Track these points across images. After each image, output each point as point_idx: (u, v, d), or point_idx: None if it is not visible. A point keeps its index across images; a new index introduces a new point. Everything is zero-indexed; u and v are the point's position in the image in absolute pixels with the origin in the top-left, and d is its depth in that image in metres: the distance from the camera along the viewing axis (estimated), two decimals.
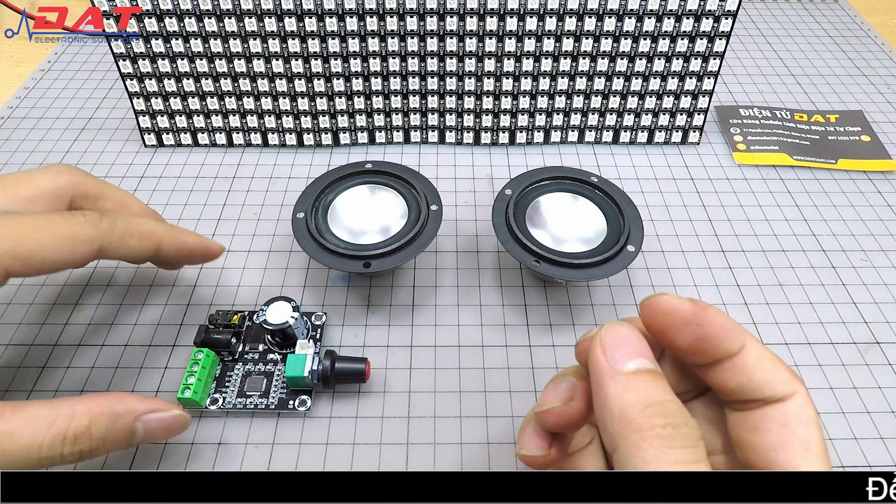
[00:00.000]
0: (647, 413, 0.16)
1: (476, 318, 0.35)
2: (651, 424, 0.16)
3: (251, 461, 0.29)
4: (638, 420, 0.16)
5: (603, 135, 0.47)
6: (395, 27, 0.41)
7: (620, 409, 0.17)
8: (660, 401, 0.17)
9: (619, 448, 0.17)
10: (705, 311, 0.19)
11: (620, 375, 0.17)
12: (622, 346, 0.18)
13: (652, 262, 0.38)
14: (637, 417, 0.16)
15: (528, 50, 0.42)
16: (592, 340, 0.18)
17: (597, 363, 0.18)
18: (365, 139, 0.47)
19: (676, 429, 0.16)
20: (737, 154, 0.47)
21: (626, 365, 0.17)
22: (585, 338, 0.21)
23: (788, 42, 0.60)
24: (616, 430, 0.17)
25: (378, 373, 0.32)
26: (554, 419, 0.20)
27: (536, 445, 0.21)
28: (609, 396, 0.17)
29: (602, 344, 0.18)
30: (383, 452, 0.29)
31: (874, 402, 0.32)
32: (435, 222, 0.34)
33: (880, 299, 0.37)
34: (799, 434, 0.18)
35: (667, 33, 0.42)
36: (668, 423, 0.16)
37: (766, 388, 0.19)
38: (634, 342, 0.18)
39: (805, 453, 0.18)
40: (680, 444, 0.16)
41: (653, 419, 0.16)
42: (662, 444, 0.16)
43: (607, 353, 0.18)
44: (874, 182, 0.45)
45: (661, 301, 0.19)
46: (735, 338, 0.19)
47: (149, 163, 0.45)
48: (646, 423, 0.16)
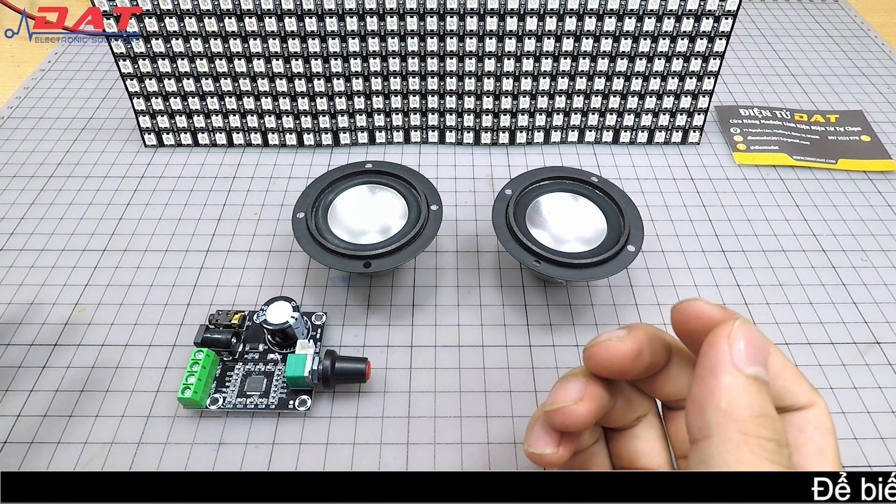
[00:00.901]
0: (759, 422, 0.16)
1: (476, 318, 0.35)
2: (759, 433, 0.16)
3: (251, 461, 0.29)
4: (748, 423, 0.16)
5: (603, 135, 0.47)
6: (395, 27, 0.41)
7: (730, 405, 0.16)
8: (770, 415, 0.17)
9: (714, 439, 0.16)
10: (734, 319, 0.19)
11: (740, 374, 0.17)
12: (751, 347, 0.17)
13: (652, 262, 0.38)
14: (748, 421, 0.16)
15: (528, 50, 0.42)
16: (719, 330, 0.18)
17: (719, 352, 0.17)
18: (365, 139, 0.47)
19: (780, 447, 0.16)
20: (737, 154, 0.47)
21: (749, 367, 0.17)
22: (595, 343, 0.21)
23: (788, 42, 0.60)
24: (717, 421, 0.16)
25: (378, 373, 0.32)
26: (563, 418, 0.20)
27: (545, 443, 0.21)
28: (722, 388, 0.17)
29: (731, 336, 0.17)
30: (383, 452, 0.29)
31: (874, 402, 0.32)
32: (435, 222, 0.34)
33: (880, 299, 0.37)
34: (814, 439, 0.18)
35: (667, 33, 0.42)
36: (773, 438, 0.16)
37: (787, 398, 0.19)
38: (762, 350, 0.18)
39: (819, 458, 0.18)
40: (778, 461, 0.16)
41: (762, 429, 0.16)
42: (764, 454, 0.16)
43: (733, 347, 0.17)
44: (874, 182, 0.45)
45: (693, 306, 0.19)
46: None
47: (149, 163, 0.45)
48: (754, 429, 0.16)
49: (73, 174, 0.44)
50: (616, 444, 0.24)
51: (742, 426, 0.16)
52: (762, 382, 0.17)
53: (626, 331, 0.20)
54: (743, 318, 0.18)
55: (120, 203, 0.42)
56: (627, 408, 0.23)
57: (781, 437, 0.17)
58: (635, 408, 0.23)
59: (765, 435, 0.16)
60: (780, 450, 0.16)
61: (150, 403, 0.31)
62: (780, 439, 0.17)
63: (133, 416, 0.31)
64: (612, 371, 0.21)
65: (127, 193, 0.42)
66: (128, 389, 0.32)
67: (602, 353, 0.20)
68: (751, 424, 0.16)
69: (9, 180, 0.43)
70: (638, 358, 0.20)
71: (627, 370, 0.20)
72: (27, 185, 0.43)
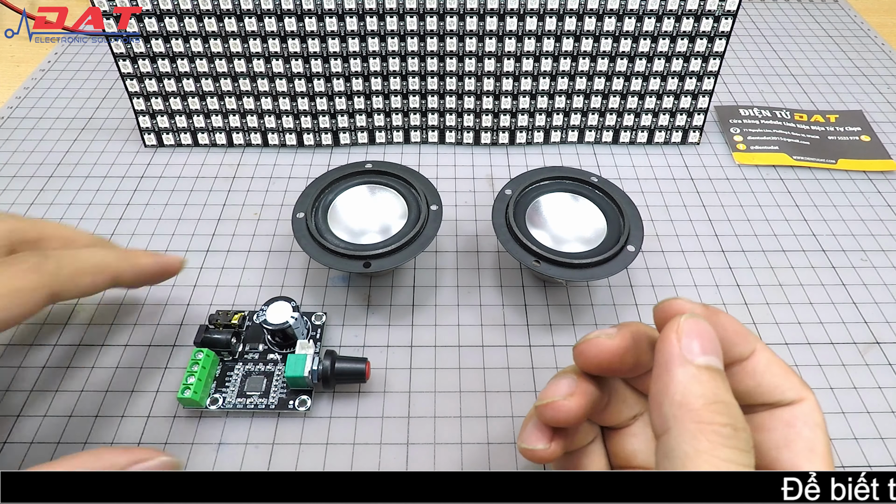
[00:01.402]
0: (712, 409, 0.16)
1: (476, 318, 0.35)
2: (712, 420, 0.16)
3: (251, 461, 0.29)
4: (701, 412, 0.16)
5: (603, 135, 0.47)
6: (395, 27, 0.41)
7: (683, 396, 0.17)
8: (725, 401, 0.17)
9: (672, 432, 0.17)
10: (717, 316, 0.19)
11: (691, 365, 0.17)
12: (699, 338, 0.18)
13: (652, 262, 0.38)
14: (700, 409, 0.16)
15: (527, 50, 0.42)
16: (669, 325, 0.18)
17: (669, 346, 0.18)
18: (365, 139, 0.47)
19: (736, 431, 0.16)
20: (737, 154, 0.47)
21: (699, 358, 0.17)
22: (584, 340, 0.21)
23: (788, 42, 0.60)
24: (673, 414, 0.17)
25: (378, 373, 0.32)
26: (553, 413, 0.21)
27: (537, 439, 0.22)
28: (675, 382, 0.17)
29: (679, 330, 0.18)
30: (383, 452, 0.29)
31: (874, 402, 0.32)
32: (435, 222, 0.34)
33: (880, 299, 0.37)
34: (804, 435, 0.18)
35: (667, 33, 0.42)
36: (729, 423, 0.16)
37: (776, 393, 0.19)
38: (711, 340, 0.18)
39: (809, 454, 0.18)
40: (735, 445, 0.16)
41: (715, 416, 0.16)
42: (719, 440, 0.16)
43: (682, 340, 0.18)
44: (874, 182, 0.45)
45: (674, 304, 0.19)
46: (746, 342, 0.19)
47: (149, 163, 0.45)
48: (707, 416, 0.16)
49: (72, 174, 0.44)
50: (613, 442, 0.24)
51: (696, 415, 0.16)
52: (714, 371, 0.17)
53: (615, 329, 0.21)
54: (697, 315, 0.18)
55: (120, 203, 0.42)
56: (622, 406, 0.23)
57: (738, 420, 0.17)
58: (631, 406, 0.23)
59: (719, 420, 0.16)
60: (737, 433, 0.16)
61: (150, 403, 0.31)
62: (737, 423, 0.17)
63: (133, 416, 0.31)
64: (600, 367, 0.21)
65: (127, 193, 0.42)
66: (127, 389, 0.32)
67: (590, 350, 0.20)
68: (704, 412, 0.16)
69: (8, 180, 0.43)
70: (626, 355, 0.20)
71: (616, 366, 0.21)
72: (27, 185, 0.43)
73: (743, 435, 0.17)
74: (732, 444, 0.16)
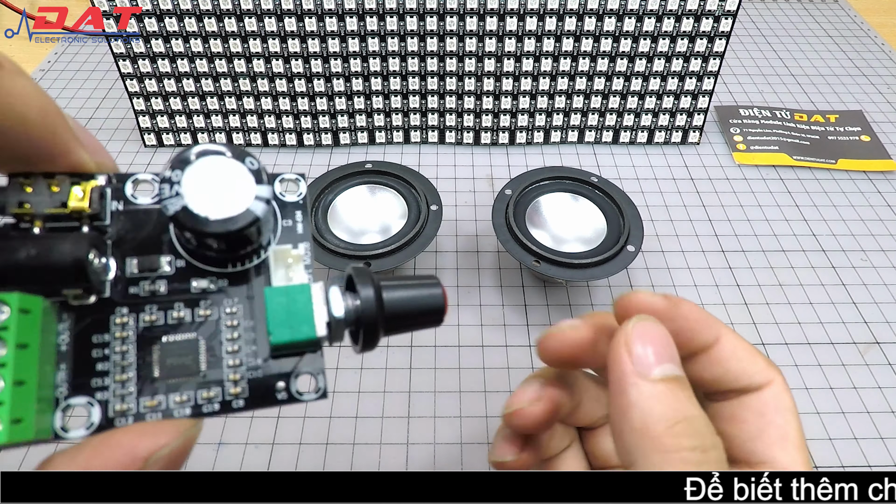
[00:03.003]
0: (675, 431, 0.15)
1: (476, 318, 0.35)
2: (678, 446, 0.15)
3: (251, 461, 0.29)
4: (663, 439, 0.15)
5: (603, 135, 0.47)
6: (394, 27, 0.41)
7: (643, 422, 0.15)
8: (689, 416, 0.15)
9: (638, 466, 0.15)
10: (679, 306, 0.18)
11: (646, 383, 0.16)
12: (651, 345, 0.16)
13: (652, 262, 0.38)
14: (663, 436, 0.15)
15: (527, 50, 0.42)
16: (617, 337, 0.17)
17: (620, 364, 0.16)
18: (365, 139, 0.47)
19: (705, 453, 0.15)
20: (737, 154, 0.47)
21: (654, 370, 0.16)
22: (547, 333, 0.19)
23: (788, 42, 0.60)
24: (635, 444, 0.15)
25: (378, 373, 0.32)
26: (519, 421, 0.20)
27: (507, 450, 0.21)
28: (631, 405, 0.15)
29: (628, 342, 0.16)
30: (383, 452, 0.29)
31: (874, 402, 0.32)
32: (435, 222, 0.34)
33: (880, 299, 0.37)
34: (776, 423, 0.18)
35: (667, 33, 0.42)
36: (696, 445, 0.15)
37: (743, 378, 0.18)
38: (664, 343, 0.16)
39: (783, 442, 0.17)
40: (707, 468, 0.15)
41: (681, 439, 0.15)
42: (689, 467, 0.15)
43: (633, 353, 0.16)
44: (874, 182, 0.45)
45: (634, 298, 0.18)
46: (710, 329, 0.18)
47: (149, 163, 0.45)
48: (672, 443, 0.15)
49: None
50: (590, 443, 0.23)
51: (659, 444, 0.15)
52: (672, 381, 0.16)
53: (580, 319, 0.19)
54: (645, 318, 0.17)
55: None
56: (595, 405, 0.22)
57: (705, 438, 0.16)
58: (604, 404, 0.22)
59: (685, 445, 0.15)
60: (706, 455, 0.15)
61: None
62: (704, 442, 0.15)
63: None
64: (565, 361, 0.19)
65: None
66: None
67: (553, 343, 0.19)
68: (667, 439, 0.15)
69: None
70: (591, 346, 0.19)
71: (581, 360, 0.19)
72: None
73: (713, 454, 0.15)
74: (703, 469, 0.15)
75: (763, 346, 0.34)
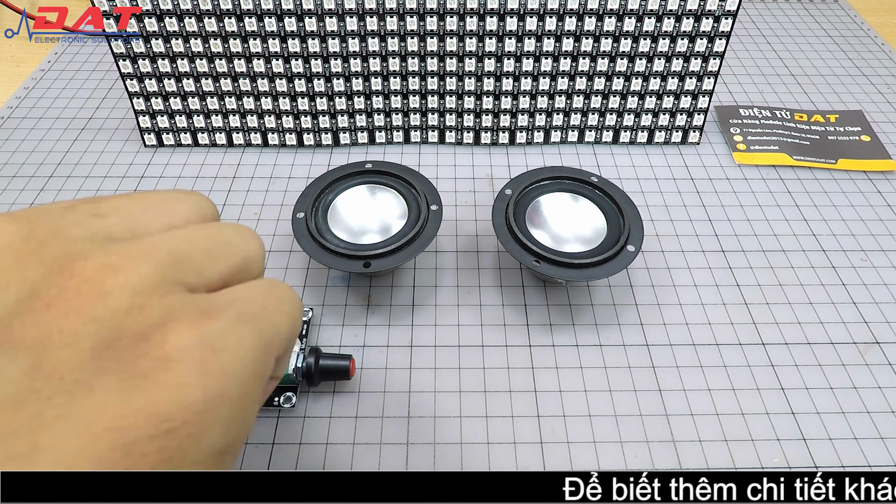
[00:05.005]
0: None
1: (476, 318, 0.35)
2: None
3: (251, 461, 0.29)
4: None
5: (603, 135, 0.47)
6: (395, 27, 0.41)
7: None
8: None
9: None
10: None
11: None
12: None
13: (652, 262, 0.38)
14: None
15: (528, 50, 0.42)
16: None
17: None
18: (365, 139, 0.47)
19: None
20: (737, 154, 0.47)
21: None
22: None
23: (788, 42, 0.60)
24: None
25: (378, 372, 0.32)
26: None
27: None
28: None
29: None
30: (383, 452, 0.29)
31: (874, 402, 0.32)
32: (435, 222, 0.34)
33: (880, 299, 0.37)
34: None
35: (667, 33, 0.42)
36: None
37: None
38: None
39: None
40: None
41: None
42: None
43: None
44: (874, 182, 0.45)
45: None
46: None
47: (149, 163, 0.45)
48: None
49: (73, 174, 0.44)
50: None
51: None
52: None
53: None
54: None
55: None
56: None
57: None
58: None
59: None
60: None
61: None
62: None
63: None
64: None
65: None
66: None
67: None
68: None
69: (9, 180, 0.43)
70: None
71: None
72: (27, 185, 0.43)
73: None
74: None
75: (763, 346, 0.34)
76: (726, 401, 0.32)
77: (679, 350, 0.34)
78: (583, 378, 0.32)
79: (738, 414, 0.31)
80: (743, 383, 0.32)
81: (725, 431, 0.30)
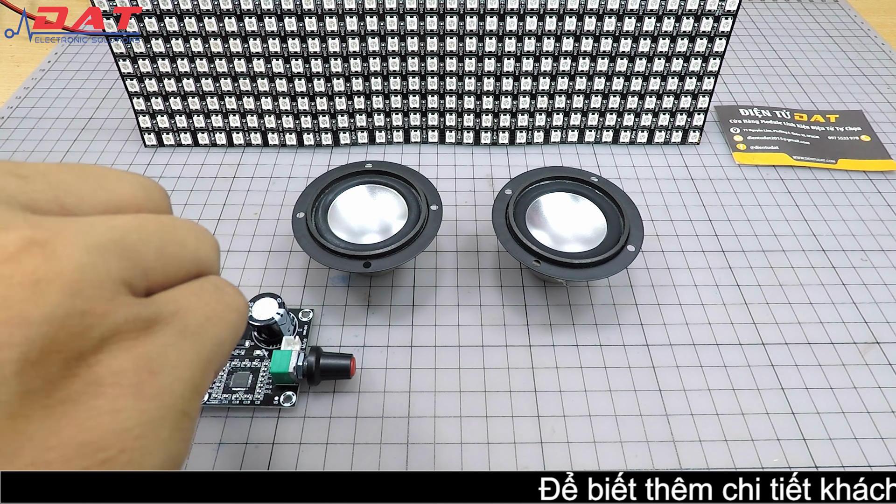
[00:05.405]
0: None
1: (476, 318, 0.35)
2: None
3: (251, 461, 0.29)
4: None
5: (603, 135, 0.47)
6: (395, 27, 0.41)
7: None
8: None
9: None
10: None
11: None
12: None
13: (652, 262, 0.38)
14: None
15: (528, 50, 0.42)
16: None
17: None
18: (365, 139, 0.47)
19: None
20: (737, 154, 0.47)
21: None
22: None
23: (788, 42, 0.60)
24: None
25: (378, 372, 0.32)
26: None
27: None
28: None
29: None
30: (383, 452, 0.29)
31: (874, 402, 0.32)
32: (435, 222, 0.34)
33: (880, 299, 0.37)
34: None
35: (667, 33, 0.42)
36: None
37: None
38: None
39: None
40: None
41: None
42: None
43: None
44: (874, 182, 0.45)
45: None
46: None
47: (149, 163, 0.45)
48: None
49: None
50: None
51: None
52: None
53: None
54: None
55: None
56: None
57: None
58: None
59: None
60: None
61: None
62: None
63: None
64: None
65: None
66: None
67: None
68: None
69: None
70: None
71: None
72: None
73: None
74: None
75: (763, 346, 0.34)
76: (726, 401, 0.32)
77: (679, 350, 0.34)
78: (583, 378, 0.32)
79: (739, 414, 0.31)
80: (743, 383, 0.32)
81: (725, 431, 0.30)
